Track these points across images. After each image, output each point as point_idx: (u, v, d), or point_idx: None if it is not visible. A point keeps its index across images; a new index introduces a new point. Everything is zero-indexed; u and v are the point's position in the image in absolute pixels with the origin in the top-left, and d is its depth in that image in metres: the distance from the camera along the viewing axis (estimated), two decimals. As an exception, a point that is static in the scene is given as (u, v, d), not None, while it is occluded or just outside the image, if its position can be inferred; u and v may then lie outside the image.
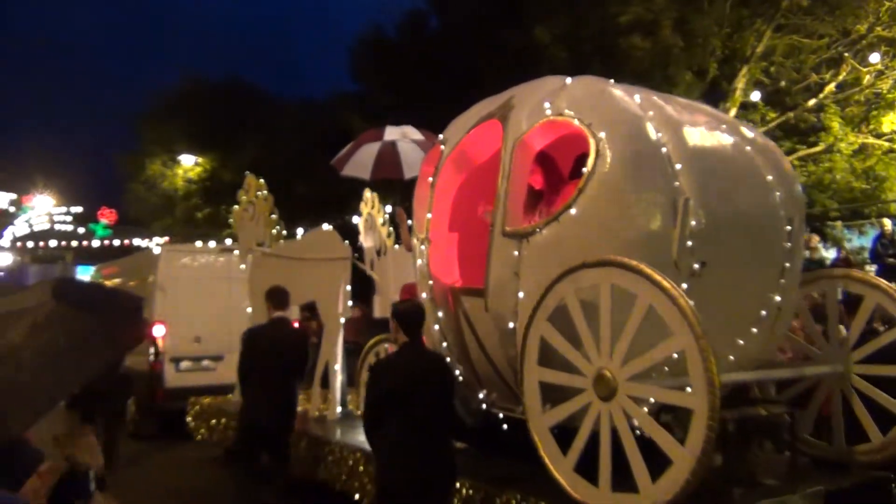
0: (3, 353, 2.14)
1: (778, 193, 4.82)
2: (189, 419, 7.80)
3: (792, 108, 20.91)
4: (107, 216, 31.10)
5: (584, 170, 4.29)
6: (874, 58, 17.85)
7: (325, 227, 11.62)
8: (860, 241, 21.83)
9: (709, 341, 3.69)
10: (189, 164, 28.90)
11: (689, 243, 4.27)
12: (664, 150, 4.38)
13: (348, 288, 6.63)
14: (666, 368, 4.23)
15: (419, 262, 5.17)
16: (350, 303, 6.76)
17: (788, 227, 4.81)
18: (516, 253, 4.50)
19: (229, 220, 8.31)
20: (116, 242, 28.60)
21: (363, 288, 7.60)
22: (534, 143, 4.64)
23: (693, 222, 4.27)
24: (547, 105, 4.60)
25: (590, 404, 4.03)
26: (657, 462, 3.85)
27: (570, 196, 4.32)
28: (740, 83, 21.00)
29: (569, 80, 4.88)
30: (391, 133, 8.04)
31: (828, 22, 19.81)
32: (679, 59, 20.51)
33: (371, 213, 7.59)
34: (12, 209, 30.68)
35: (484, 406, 5.10)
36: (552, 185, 4.87)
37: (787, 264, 4.82)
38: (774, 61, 20.69)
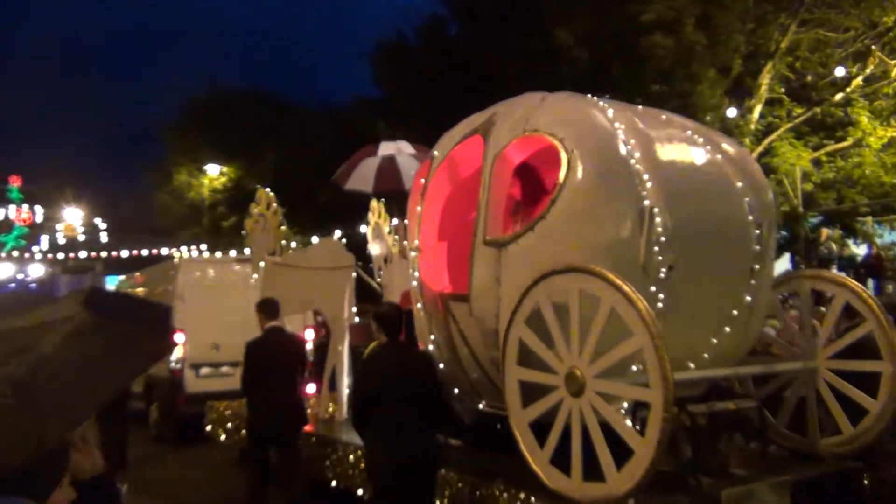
0: (35, 364, 2.16)
1: (747, 199, 5.19)
2: (207, 423, 8.38)
3: (818, 103, 20.98)
4: (135, 227, 32.25)
5: (557, 182, 4.73)
6: (903, 50, 17.86)
7: (335, 235, 12.10)
8: (891, 236, 21.80)
9: (665, 340, 4.11)
10: (214, 173, 29.78)
11: (656, 249, 4.67)
12: (633, 161, 4.79)
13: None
14: (642, 366, 4.66)
15: (411, 269, 5.65)
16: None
17: (757, 232, 5.18)
18: (496, 260, 4.95)
19: (242, 231, 8.83)
20: (145, 252, 29.59)
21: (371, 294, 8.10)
22: (512, 157, 5.09)
23: (659, 229, 4.67)
24: (524, 121, 5.04)
25: (562, 400, 4.46)
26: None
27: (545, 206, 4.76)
28: (765, 79, 21.09)
29: (546, 96, 5.31)
30: (387, 148, 8.56)
31: (853, 15, 19.87)
32: (702, 56, 20.60)
33: (378, 223, 8.09)
34: (43, 221, 31.85)
35: (479, 406, 5.56)
36: (531, 196, 5.30)
37: (757, 266, 5.18)
38: (800, 56, 20.76)
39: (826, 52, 20.46)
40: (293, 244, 8.04)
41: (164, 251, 28.62)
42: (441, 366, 5.50)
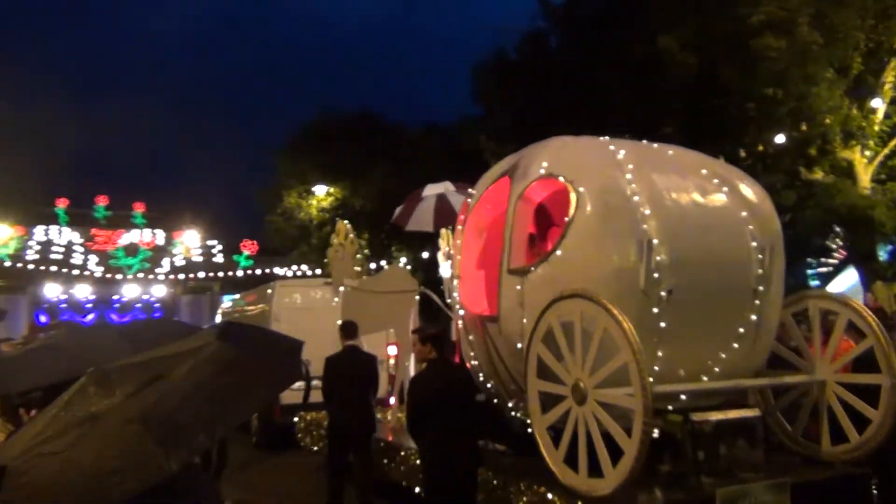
0: (163, 392, 2.31)
1: (750, 227, 6.02)
2: (298, 431, 9.81)
3: (950, 101, 20.54)
4: (248, 247, 34.90)
5: (566, 218, 5.76)
6: None
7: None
8: None
9: (645, 356, 5.07)
10: (322, 194, 32.00)
11: (656, 275, 5.59)
12: (636, 199, 5.72)
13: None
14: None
15: (454, 294, 6.80)
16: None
17: (760, 257, 5.99)
18: (519, 287, 6.00)
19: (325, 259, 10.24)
20: (258, 272, 32.05)
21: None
22: (533, 197, 6.13)
23: (658, 258, 5.60)
24: (542, 166, 6.09)
25: (570, 408, 5.46)
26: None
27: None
28: (889, 77, 20.75)
29: (566, 141, 6.34)
30: (434, 189, 9.79)
31: None
32: (819, 56, 20.40)
33: (448, 248, 9.28)
34: (164, 245, 35.01)
35: (513, 413, 6.62)
36: (549, 231, 6.33)
37: (761, 288, 5.98)
38: (927, 51, 20.44)
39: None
40: (372, 266, 9.33)
41: (277, 270, 31.01)
42: (481, 377, 6.61)
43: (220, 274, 33.47)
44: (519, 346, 5.99)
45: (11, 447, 2.44)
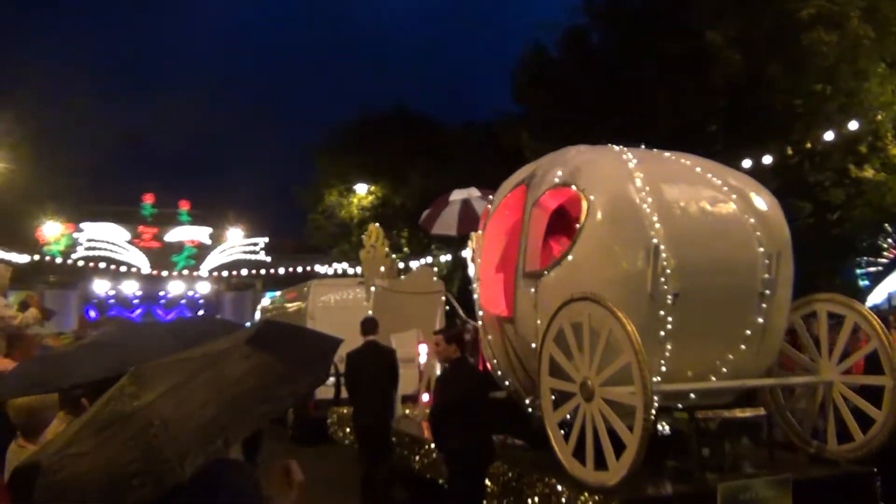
0: (187, 395, 2.32)
1: (758, 234, 6.35)
2: (330, 425, 10.39)
3: None
4: (290, 246, 35.98)
5: (578, 225, 6.17)
6: None
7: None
8: None
9: (650, 356, 5.46)
10: (362, 192, 32.75)
11: (662, 280, 5.97)
12: (644, 206, 6.10)
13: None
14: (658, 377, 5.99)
15: (474, 296, 7.26)
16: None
17: (767, 262, 6.31)
18: (533, 290, 6.42)
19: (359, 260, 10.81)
20: (300, 269, 32.94)
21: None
22: (547, 204, 6.54)
23: (664, 263, 5.97)
24: (556, 174, 6.50)
25: (579, 405, 5.88)
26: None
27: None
28: (944, 71, 20.71)
29: (580, 150, 6.75)
30: (460, 194, 10.25)
31: None
32: (870, 50, 20.28)
33: (475, 250, 9.73)
34: (209, 242, 36.15)
35: (529, 410, 7.06)
36: (562, 236, 6.74)
37: (768, 292, 6.31)
38: None
39: None
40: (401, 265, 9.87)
41: (318, 268, 31.82)
42: (500, 375, 7.07)
43: (263, 271, 34.49)
44: (533, 345, 6.41)
45: (53, 443, 2.50)
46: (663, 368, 6.05)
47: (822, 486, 6.16)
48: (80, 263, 32.22)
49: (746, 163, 22.31)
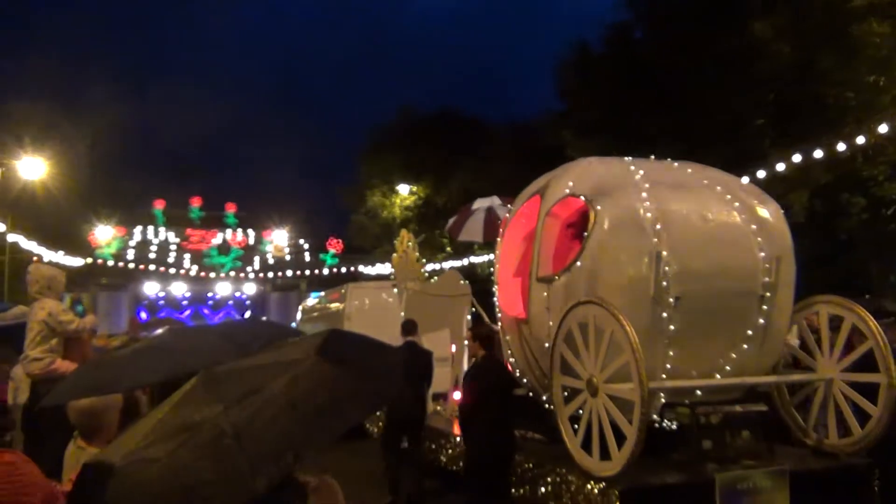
0: (259, 407, 2.33)
1: (759, 240, 6.86)
2: (365, 421, 11.16)
3: None
4: (334, 246, 36.98)
5: (585, 233, 6.77)
6: None
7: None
8: None
9: (653, 355, 6.04)
10: (405, 192, 33.61)
11: (664, 284, 6.53)
12: (648, 215, 6.66)
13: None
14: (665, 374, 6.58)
15: (494, 299, 7.90)
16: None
17: (768, 266, 6.83)
18: (545, 293, 7.04)
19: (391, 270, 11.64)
20: (343, 270, 33.96)
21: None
22: (559, 213, 7.15)
23: (666, 269, 6.54)
24: (567, 185, 7.12)
25: (585, 400, 6.49)
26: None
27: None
28: None
29: (591, 162, 7.34)
30: (483, 202, 10.90)
31: None
32: (926, 41, 20.47)
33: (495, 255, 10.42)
34: (254, 244, 37.41)
35: (546, 406, 7.67)
36: (572, 243, 7.34)
37: (768, 294, 6.83)
38: None
39: None
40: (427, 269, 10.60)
41: (361, 268, 32.79)
42: (518, 373, 7.71)
43: (307, 272, 35.59)
44: (546, 345, 7.04)
45: (125, 444, 2.58)
46: (668, 367, 6.61)
47: (823, 478, 6.67)
48: (131, 266, 33.63)
49: (796, 157, 22.46)
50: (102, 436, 4.37)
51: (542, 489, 6.89)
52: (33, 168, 27.42)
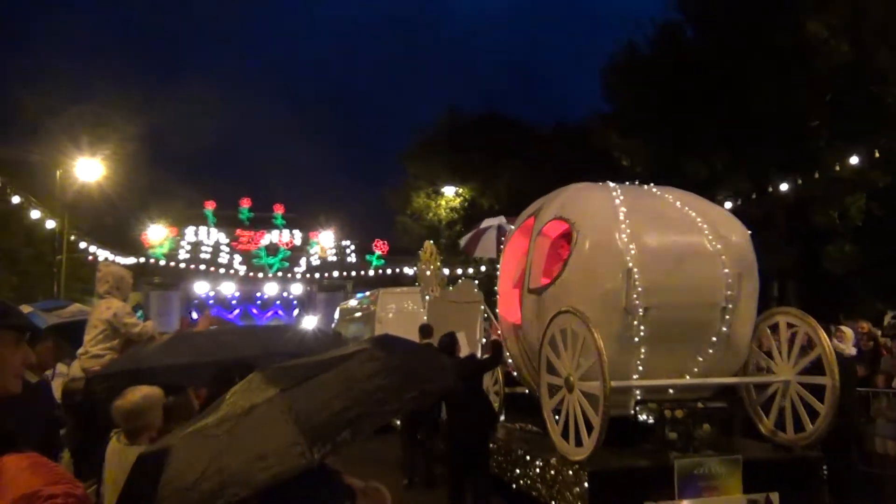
0: (316, 387, 2.59)
1: (723, 258, 8.19)
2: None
3: None
4: (380, 247, 38.82)
5: (569, 252, 8.21)
6: None
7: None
8: None
9: (625, 358, 7.46)
10: (450, 194, 35.21)
11: (635, 296, 7.92)
12: (623, 236, 8.05)
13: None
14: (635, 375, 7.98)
15: (496, 308, 9.40)
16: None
17: (730, 281, 8.16)
18: (535, 303, 8.50)
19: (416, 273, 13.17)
20: (388, 271, 35.72)
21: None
22: (548, 233, 8.61)
23: (636, 283, 7.92)
24: (556, 208, 8.56)
25: (564, 396, 7.92)
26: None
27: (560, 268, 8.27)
28: None
29: (578, 188, 8.77)
30: (492, 221, 12.37)
31: None
32: None
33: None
34: (301, 244, 39.45)
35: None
36: (558, 260, 8.78)
37: (730, 306, 8.16)
38: None
39: None
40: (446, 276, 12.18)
41: (406, 270, 34.43)
42: (516, 374, 9.19)
43: (353, 273, 37.46)
44: (537, 348, 8.50)
45: (181, 431, 2.81)
46: (640, 368, 8.00)
47: (773, 467, 8.00)
48: (182, 266, 35.83)
49: (854, 159, 23.31)
50: (147, 434, 4.59)
51: (530, 472, 8.35)
52: (90, 169, 29.20)
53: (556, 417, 8.16)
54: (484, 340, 11.25)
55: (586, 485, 7.38)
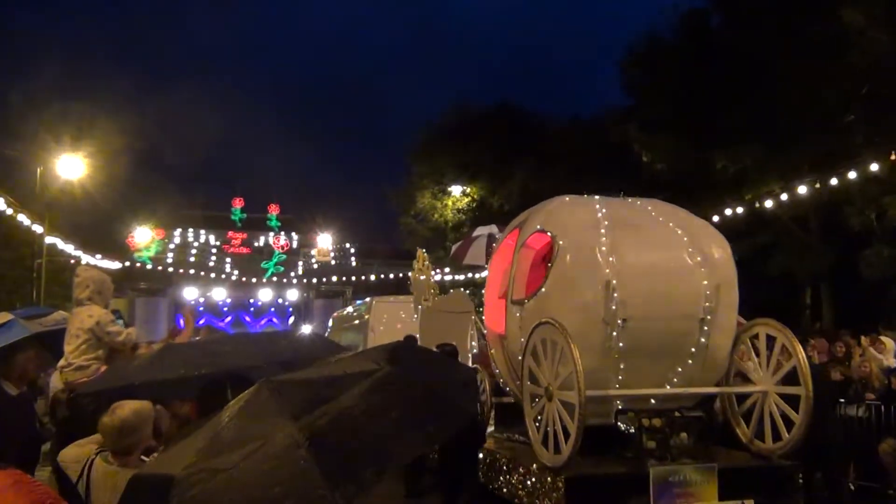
0: (335, 417, 2.57)
1: (702, 270, 9.28)
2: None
3: None
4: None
5: (549, 264, 9.32)
6: None
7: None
8: None
9: (605, 368, 8.58)
10: (458, 194, 36.34)
11: (614, 308, 9.00)
12: (603, 249, 9.13)
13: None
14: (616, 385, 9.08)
15: (482, 318, 10.53)
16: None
17: (709, 293, 9.23)
18: (518, 314, 9.61)
19: (408, 284, 14.30)
20: (391, 276, 36.85)
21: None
22: (531, 245, 9.71)
23: (615, 295, 9.01)
24: (539, 221, 9.67)
25: (545, 404, 9.02)
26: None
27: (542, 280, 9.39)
28: None
29: (561, 202, 9.89)
30: (483, 230, 13.49)
31: None
32: None
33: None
34: (298, 247, 40.65)
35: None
36: (541, 272, 9.88)
37: (709, 317, 9.24)
38: None
39: None
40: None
41: (410, 274, 35.46)
42: (502, 382, 10.31)
43: (353, 278, 38.63)
44: (520, 358, 9.61)
45: (181, 455, 2.73)
46: (620, 378, 9.09)
47: (748, 475, 9.09)
48: (170, 270, 37.04)
49: (892, 157, 24.27)
50: (137, 453, 4.65)
51: (513, 479, 9.47)
52: (72, 167, 29.98)
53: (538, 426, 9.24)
54: (475, 350, 12.37)
55: (563, 491, 8.47)
